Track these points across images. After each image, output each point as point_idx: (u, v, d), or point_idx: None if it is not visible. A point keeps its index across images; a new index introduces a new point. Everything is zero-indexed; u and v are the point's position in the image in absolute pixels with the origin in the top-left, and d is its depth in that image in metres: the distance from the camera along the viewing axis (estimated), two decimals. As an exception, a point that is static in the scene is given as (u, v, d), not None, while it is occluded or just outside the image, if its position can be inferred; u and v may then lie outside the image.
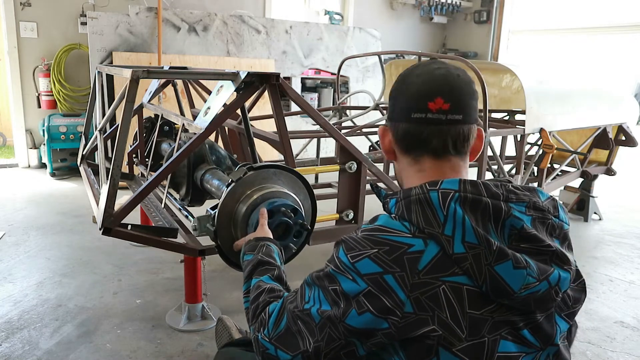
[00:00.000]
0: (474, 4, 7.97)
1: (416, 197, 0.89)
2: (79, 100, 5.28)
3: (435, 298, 0.81)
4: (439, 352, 0.82)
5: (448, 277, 0.82)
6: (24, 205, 4.04)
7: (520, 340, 0.85)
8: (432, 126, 0.93)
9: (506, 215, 0.86)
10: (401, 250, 0.84)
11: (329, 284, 0.90)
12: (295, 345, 0.92)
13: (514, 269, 0.82)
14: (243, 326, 1.95)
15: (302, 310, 0.93)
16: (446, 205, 0.85)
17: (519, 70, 3.48)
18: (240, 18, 5.49)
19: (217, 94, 1.98)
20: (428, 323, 0.81)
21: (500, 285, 0.82)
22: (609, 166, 4.38)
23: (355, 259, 0.87)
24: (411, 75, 0.98)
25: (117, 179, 1.78)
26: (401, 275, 0.82)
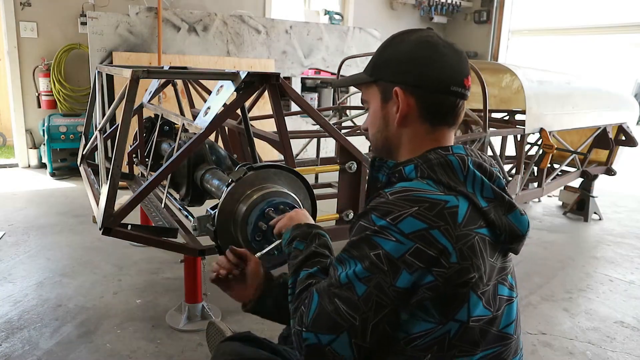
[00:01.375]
0: (474, 4, 7.97)
1: (437, 160, 0.96)
2: (79, 100, 5.28)
3: (473, 248, 0.89)
4: (470, 297, 0.89)
5: (477, 229, 0.91)
6: (24, 205, 4.04)
7: (509, 285, 0.99)
8: (462, 101, 1.02)
9: (496, 176, 0.98)
10: (440, 205, 0.88)
11: (369, 249, 0.88)
12: (337, 324, 0.87)
13: (520, 215, 0.97)
14: (238, 329, 1.95)
15: (339, 285, 0.89)
16: (465, 166, 0.95)
17: (519, 70, 3.49)
18: (240, 18, 5.49)
19: (217, 94, 1.98)
20: (469, 271, 0.88)
21: (515, 231, 0.96)
22: (609, 166, 4.39)
23: (396, 220, 0.87)
24: (438, 46, 1.00)
25: (117, 179, 1.78)
26: (446, 229, 0.87)
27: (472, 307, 0.89)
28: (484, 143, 3.17)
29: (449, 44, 1.01)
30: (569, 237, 3.92)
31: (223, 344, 1.35)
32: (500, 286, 0.95)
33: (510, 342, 0.97)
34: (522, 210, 0.98)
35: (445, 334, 0.89)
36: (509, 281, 0.99)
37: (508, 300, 0.97)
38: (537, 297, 2.79)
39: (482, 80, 3.17)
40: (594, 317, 2.60)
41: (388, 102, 1.03)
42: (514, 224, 0.95)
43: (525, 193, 3.67)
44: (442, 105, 1.00)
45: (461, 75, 1.00)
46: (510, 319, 0.97)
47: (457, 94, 0.99)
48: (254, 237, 1.59)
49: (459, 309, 0.89)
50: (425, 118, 1.01)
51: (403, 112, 1.00)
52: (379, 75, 1.04)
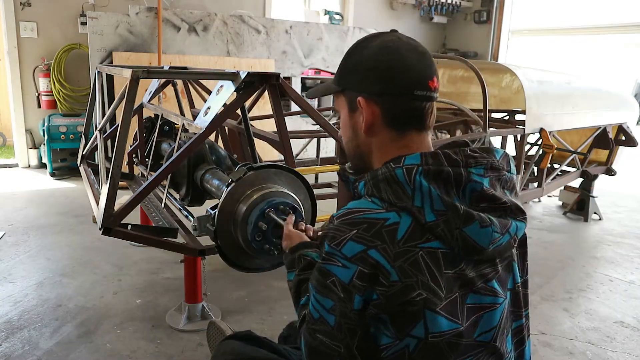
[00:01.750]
0: (474, 4, 7.97)
1: (383, 175, 0.93)
2: (79, 100, 5.28)
3: (416, 264, 0.86)
4: (425, 315, 0.86)
5: (423, 243, 0.87)
6: (24, 205, 4.04)
7: (489, 292, 0.93)
8: (429, 103, 0.99)
9: (466, 180, 0.91)
10: (378, 224, 0.87)
11: (324, 279, 0.91)
12: (328, 355, 0.92)
13: (481, 228, 0.89)
14: (238, 328, 1.95)
15: (314, 321, 0.93)
16: (412, 179, 0.90)
17: (519, 70, 3.49)
18: (240, 18, 5.49)
19: (217, 94, 1.98)
20: (414, 288, 0.85)
21: (471, 245, 0.89)
22: (609, 166, 4.39)
23: (339, 246, 0.89)
24: (400, 50, 0.97)
25: (117, 179, 1.78)
26: (383, 247, 0.86)
27: (430, 324, 0.87)
28: (484, 143, 3.17)
29: (413, 46, 0.98)
30: (569, 237, 3.92)
31: (223, 343, 1.35)
32: (471, 295, 0.91)
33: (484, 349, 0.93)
34: (487, 221, 0.90)
35: (404, 348, 0.89)
36: (490, 288, 0.94)
37: (488, 307, 0.93)
38: (537, 297, 2.79)
39: (482, 80, 3.17)
40: (594, 317, 2.60)
41: (355, 111, 1.02)
42: (469, 237, 0.89)
43: (525, 193, 3.67)
44: (407, 111, 0.98)
45: (425, 77, 0.96)
46: (490, 326, 0.93)
47: (422, 97, 0.97)
48: (254, 237, 1.59)
49: (413, 326, 0.87)
50: (391, 125, 0.99)
51: (368, 122, 0.99)
52: (345, 85, 1.03)
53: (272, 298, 2.57)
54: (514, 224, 0.95)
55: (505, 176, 0.97)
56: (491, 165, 0.95)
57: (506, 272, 0.98)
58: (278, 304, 2.51)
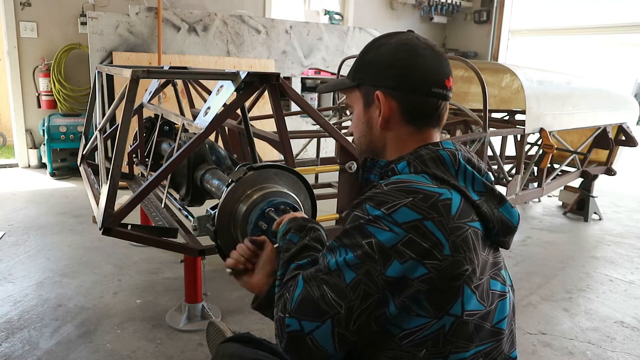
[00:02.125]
0: (474, 4, 7.97)
1: (428, 155, 0.97)
2: (79, 100, 5.28)
3: (466, 241, 0.89)
4: (464, 292, 0.89)
5: (470, 222, 0.92)
6: (24, 205, 4.04)
7: (502, 280, 1.00)
8: (444, 101, 1.03)
9: (484, 171, 1.01)
10: (434, 197, 0.89)
11: (361, 238, 0.87)
12: (321, 310, 0.85)
13: (511, 208, 0.99)
14: (238, 329, 1.95)
15: (328, 272, 0.88)
16: (457, 161, 0.96)
17: (519, 70, 3.49)
18: (240, 18, 5.49)
19: (217, 94, 1.98)
20: (463, 264, 0.88)
21: (507, 224, 0.98)
22: (609, 166, 4.39)
23: (390, 210, 0.87)
24: (418, 48, 1.00)
25: (117, 179, 1.78)
26: (440, 220, 0.87)
27: (466, 301, 0.90)
28: (484, 143, 3.17)
29: (430, 45, 1.02)
30: (569, 237, 3.92)
31: (222, 346, 1.35)
32: (492, 281, 0.96)
33: (502, 338, 0.97)
34: (512, 204, 1.00)
35: (440, 329, 0.89)
36: (502, 276, 1.00)
37: (501, 295, 0.98)
38: (537, 297, 2.79)
39: (482, 80, 3.17)
40: (594, 317, 2.60)
41: (370, 106, 1.04)
42: (505, 217, 0.97)
43: (525, 193, 3.67)
44: (424, 107, 1.01)
45: (442, 76, 1.00)
46: (503, 315, 0.97)
47: (438, 95, 1.00)
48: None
49: (453, 303, 0.89)
50: (408, 120, 1.02)
51: (385, 115, 1.02)
52: (361, 80, 1.06)
53: (272, 298, 2.57)
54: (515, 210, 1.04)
55: None
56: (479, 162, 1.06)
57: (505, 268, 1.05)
58: (278, 304, 2.50)
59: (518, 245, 3.64)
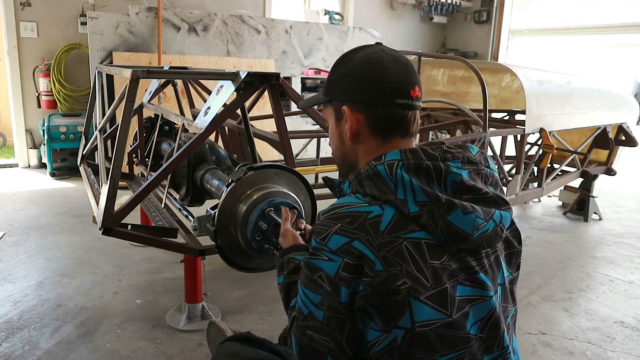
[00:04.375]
0: (474, 4, 7.97)
1: (366, 173, 0.98)
2: (79, 100, 5.28)
3: (400, 254, 0.89)
4: (411, 304, 0.89)
5: (407, 234, 0.91)
6: (24, 205, 4.04)
7: (477, 284, 0.95)
8: (411, 111, 1.04)
9: (446, 173, 0.96)
10: (362, 217, 0.91)
11: (312, 273, 0.94)
12: (317, 351, 0.94)
13: (464, 214, 0.93)
14: (238, 328, 1.94)
15: (304, 317, 0.95)
16: (393, 173, 0.95)
17: (519, 70, 3.49)
18: (240, 18, 5.49)
19: (217, 94, 1.98)
20: (398, 277, 0.88)
21: (456, 232, 0.92)
22: (609, 166, 4.39)
23: (325, 240, 0.92)
24: (382, 61, 1.02)
25: (117, 179, 1.78)
26: (367, 239, 0.89)
27: (416, 313, 0.89)
28: (484, 143, 3.17)
29: (395, 57, 1.04)
30: (569, 237, 3.92)
31: (223, 345, 1.35)
32: (460, 287, 0.93)
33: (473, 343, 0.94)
34: (470, 208, 0.93)
35: (392, 342, 0.90)
36: (478, 280, 0.96)
37: (474, 300, 0.94)
38: (537, 297, 2.79)
39: (482, 80, 3.17)
40: (594, 317, 2.60)
41: (341, 120, 1.08)
42: (453, 225, 0.92)
43: (525, 193, 3.67)
44: (390, 119, 1.03)
45: (407, 86, 1.02)
46: (478, 318, 0.94)
47: (404, 105, 1.02)
48: (254, 237, 1.59)
49: (400, 316, 0.89)
50: (376, 132, 1.04)
51: (353, 129, 1.04)
52: (332, 95, 1.09)
53: (272, 298, 2.57)
54: (498, 212, 0.98)
55: (485, 171, 1.03)
56: (467, 159, 1.00)
57: (496, 267, 1.01)
58: (278, 304, 2.50)
59: (518, 245, 3.64)
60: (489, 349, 0.97)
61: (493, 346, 0.98)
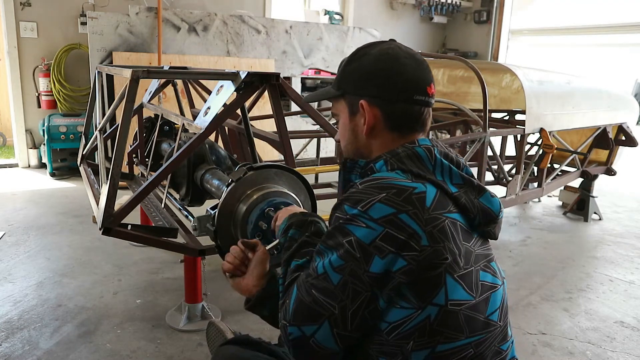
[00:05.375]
0: (474, 4, 7.97)
1: (404, 152, 1.00)
2: (79, 100, 5.28)
3: (444, 230, 0.91)
4: (446, 281, 0.90)
5: (447, 213, 0.94)
6: (24, 205, 4.04)
7: (493, 272, 1.00)
8: (427, 108, 1.06)
9: (463, 164, 1.04)
10: (408, 191, 0.92)
11: (342, 237, 0.91)
12: (316, 313, 0.89)
13: (491, 197, 1.02)
14: (238, 329, 1.94)
15: (316, 276, 0.91)
16: (433, 156, 1.00)
17: (519, 70, 3.49)
18: (240, 18, 5.49)
19: (217, 94, 1.98)
20: (442, 253, 0.90)
21: (488, 213, 1.00)
22: (609, 166, 4.39)
23: (365, 207, 0.90)
24: (399, 57, 1.04)
25: (117, 179, 1.78)
26: (414, 212, 0.90)
27: (450, 291, 0.90)
28: (484, 143, 3.17)
29: (411, 54, 1.05)
30: (569, 237, 3.92)
31: (221, 348, 1.35)
32: (482, 272, 0.97)
33: (494, 330, 0.97)
34: (492, 193, 1.03)
35: (425, 319, 0.90)
36: (493, 268, 1.01)
37: (492, 287, 0.98)
38: (537, 297, 2.79)
39: (482, 80, 3.17)
40: (594, 317, 2.60)
41: (356, 114, 1.08)
42: (486, 206, 1.00)
43: (525, 193, 3.67)
44: (407, 114, 1.04)
45: (424, 83, 1.04)
46: (495, 306, 0.98)
47: (420, 102, 1.04)
48: (254, 237, 1.59)
49: (436, 293, 0.90)
50: (392, 127, 1.05)
51: (370, 124, 1.05)
52: (345, 89, 1.09)
53: (272, 298, 2.57)
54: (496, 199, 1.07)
55: None
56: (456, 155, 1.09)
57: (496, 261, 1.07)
58: (278, 304, 2.50)
59: (518, 245, 3.64)
60: (504, 338, 1.01)
61: (507, 336, 1.02)
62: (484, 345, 0.96)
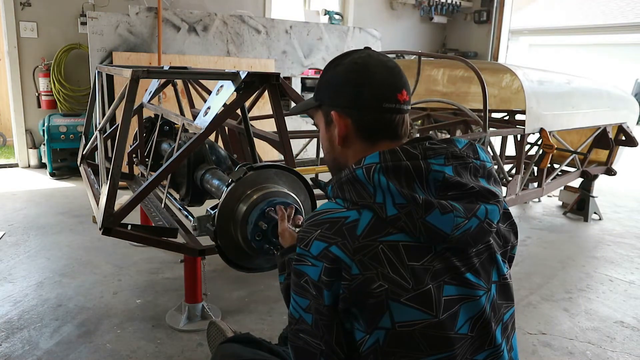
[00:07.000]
0: (474, 4, 7.97)
1: (345, 177, 0.99)
2: (79, 100, 5.28)
3: (376, 257, 0.90)
4: (390, 306, 0.90)
5: (384, 237, 0.91)
6: (24, 205, 4.04)
7: (464, 283, 0.95)
8: (399, 115, 1.04)
9: (427, 172, 0.95)
10: (339, 223, 0.94)
11: (298, 278, 0.97)
12: (311, 353, 0.97)
13: (442, 214, 0.92)
14: (238, 328, 1.94)
15: (296, 321, 0.99)
16: (371, 177, 0.94)
17: (519, 70, 3.49)
18: (240, 18, 5.49)
19: (217, 94, 1.98)
20: (374, 280, 0.89)
21: (434, 232, 0.92)
22: (609, 166, 4.39)
23: (308, 246, 0.95)
24: (368, 66, 1.03)
25: (117, 179, 1.78)
26: (343, 243, 0.91)
27: (396, 314, 0.90)
28: (484, 143, 3.17)
29: (381, 61, 1.05)
30: (569, 237, 3.92)
31: (222, 346, 1.36)
32: (446, 287, 0.93)
33: (463, 342, 0.94)
34: (449, 207, 0.92)
35: (375, 342, 0.92)
36: (465, 279, 0.95)
37: (462, 299, 0.94)
38: (537, 297, 2.79)
39: (482, 80, 3.17)
40: (594, 317, 2.60)
41: (330, 125, 1.09)
42: (432, 225, 0.91)
43: (525, 193, 3.67)
44: (377, 123, 1.04)
45: (394, 90, 1.03)
46: (465, 318, 0.94)
47: (390, 109, 1.03)
48: (254, 237, 1.59)
49: (380, 318, 0.91)
50: (364, 136, 1.05)
51: (341, 133, 1.06)
52: (321, 100, 1.11)
53: (272, 298, 2.57)
54: (483, 207, 0.96)
55: (474, 163, 1.00)
56: (452, 154, 0.98)
57: (489, 264, 1.00)
58: (278, 304, 2.51)
59: (518, 245, 3.63)
60: (480, 348, 0.97)
61: (484, 345, 0.98)
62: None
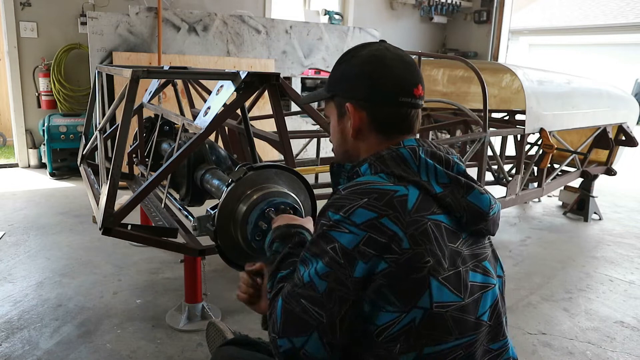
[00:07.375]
0: (474, 4, 7.97)
1: (388, 155, 1.00)
2: (79, 100, 5.28)
3: (426, 233, 0.91)
4: (431, 283, 0.90)
5: (430, 215, 0.93)
6: (24, 205, 4.04)
7: (484, 271, 0.99)
8: (414, 110, 1.05)
9: (453, 162, 1.02)
10: (389, 195, 0.92)
11: (326, 244, 0.91)
12: (305, 324, 0.90)
13: (480, 194, 0.99)
14: (238, 329, 1.94)
15: (303, 285, 0.91)
16: (417, 156, 0.98)
17: (519, 70, 3.49)
18: (240, 18, 5.49)
19: (217, 94, 1.98)
20: (424, 255, 0.90)
21: (477, 210, 0.98)
22: (609, 166, 4.39)
23: (348, 213, 0.91)
24: (385, 59, 1.03)
25: (117, 179, 1.78)
26: (396, 216, 0.90)
27: (434, 293, 0.90)
28: (484, 143, 3.17)
29: (398, 55, 1.05)
30: (569, 237, 3.92)
31: (221, 349, 1.36)
32: (472, 273, 0.96)
33: (484, 330, 0.97)
34: (483, 190, 1.01)
35: (410, 322, 0.90)
36: (484, 267, 1.00)
37: (483, 287, 0.98)
38: (537, 297, 2.79)
39: (482, 80, 3.17)
40: (593, 317, 2.60)
41: (343, 117, 1.08)
42: (473, 204, 0.98)
43: (525, 193, 3.67)
44: (393, 117, 1.04)
45: (410, 85, 1.03)
46: (486, 307, 0.97)
47: (407, 104, 1.03)
48: (254, 237, 1.59)
49: (420, 296, 0.90)
50: (378, 129, 1.05)
51: (355, 126, 1.05)
52: (334, 91, 1.10)
53: (272, 298, 2.57)
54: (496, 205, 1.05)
55: None
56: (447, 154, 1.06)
57: (493, 258, 1.06)
58: (278, 304, 2.50)
59: (518, 245, 3.64)
60: (495, 338, 1.00)
61: (498, 335, 1.00)
62: (474, 346, 0.95)
